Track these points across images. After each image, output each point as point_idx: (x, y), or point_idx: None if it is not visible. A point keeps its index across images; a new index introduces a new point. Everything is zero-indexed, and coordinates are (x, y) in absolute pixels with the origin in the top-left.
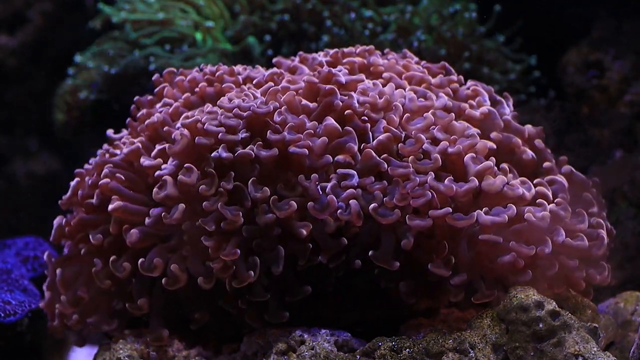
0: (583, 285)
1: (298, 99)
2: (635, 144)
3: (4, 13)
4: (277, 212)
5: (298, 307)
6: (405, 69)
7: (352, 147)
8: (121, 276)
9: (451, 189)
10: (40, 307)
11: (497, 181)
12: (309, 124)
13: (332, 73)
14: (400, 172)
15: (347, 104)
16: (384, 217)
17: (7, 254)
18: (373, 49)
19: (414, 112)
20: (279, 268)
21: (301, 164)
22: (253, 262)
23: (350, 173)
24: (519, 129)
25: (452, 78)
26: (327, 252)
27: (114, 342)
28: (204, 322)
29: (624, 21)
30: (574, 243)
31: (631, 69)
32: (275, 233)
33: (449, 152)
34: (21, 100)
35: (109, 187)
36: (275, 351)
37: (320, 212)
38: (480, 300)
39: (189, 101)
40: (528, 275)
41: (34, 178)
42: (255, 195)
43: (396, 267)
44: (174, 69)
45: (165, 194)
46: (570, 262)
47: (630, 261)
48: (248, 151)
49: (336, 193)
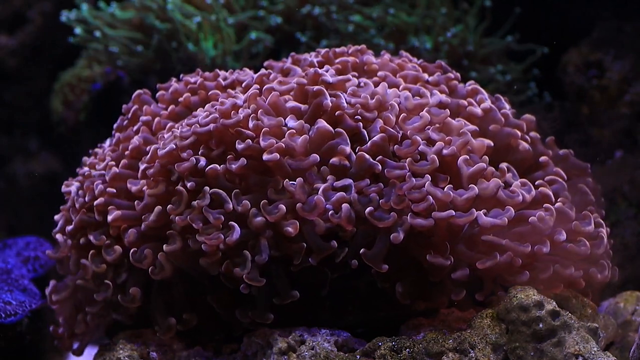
0: (582, 284)
1: (282, 100)
2: (635, 144)
3: (4, 13)
4: (268, 216)
5: (297, 309)
6: (400, 67)
7: (344, 149)
8: (111, 260)
9: (448, 196)
10: (40, 307)
11: (491, 184)
12: (295, 123)
13: (318, 73)
14: (397, 173)
15: (335, 104)
16: (380, 221)
17: (8, 254)
18: (365, 48)
19: (409, 110)
20: (262, 256)
21: (281, 167)
22: (244, 256)
23: (346, 183)
24: (518, 123)
25: (449, 76)
26: (317, 254)
27: (113, 342)
28: (192, 323)
29: (624, 21)
30: (576, 248)
31: (631, 69)
32: (267, 235)
33: (444, 154)
34: (21, 100)
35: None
36: (275, 351)
37: (308, 212)
38: (483, 297)
39: (174, 113)
40: (525, 275)
41: (34, 178)
42: (237, 208)
43: (385, 270)
44: (141, 91)
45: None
46: (566, 271)
47: (630, 261)
48: (214, 167)
49: (327, 196)
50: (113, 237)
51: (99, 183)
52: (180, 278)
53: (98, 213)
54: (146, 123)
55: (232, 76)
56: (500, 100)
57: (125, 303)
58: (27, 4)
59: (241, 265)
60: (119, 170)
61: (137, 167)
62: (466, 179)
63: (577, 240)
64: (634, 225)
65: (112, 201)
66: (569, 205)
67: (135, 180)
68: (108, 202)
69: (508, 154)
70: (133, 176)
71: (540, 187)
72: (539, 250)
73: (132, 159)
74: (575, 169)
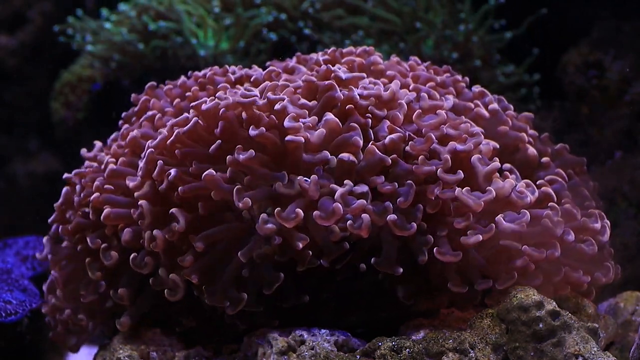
0: (585, 287)
1: (296, 97)
2: (635, 144)
3: (4, 13)
4: (285, 223)
5: (299, 311)
6: (411, 68)
7: (358, 141)
8: (109, 264)
9: (480, 205)
10: (41, 307)
11: (507, 185)
12: (308, 118)
13: (330, 70)
14: (426, 169)
15: (348, 96)
16: (401, 230)
17: (8, 253)
18: (373, 50)
19: (424, 110)
20: (272, 289)
21: (297, 157)
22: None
23: (364, 190)
24: (522, 126)
25: (457, 78)
26: (329, 256)
27: (113, 342)
28: (190, 327)
29: (623, 21)
30: (585, 248)
31: (631, 69)
32: (276, 242)
33: (458, 150)
34: (21, 100)
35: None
36: (275, 351)
37: (325, 219)
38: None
39: (179, 108)
40: (539, 280)
41: (34, 178)
42: (237, 204)
43: (399, 273)
44: (154, 83)
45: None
46: (574, 274)
47: (630, 261)
48: (210, 172)
49: (346, 201)
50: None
51: (97, 178)
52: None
53: (94, 211)
54: (150, 118)
55: (241, 71)
56: (503, 101)
57: (116, 300)
58: (27, 4)
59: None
60: (116, 167)
61: (136, 164)
62: (482, 178)
63: (585, 240)
64: (634, 225)
65: (109, 198)
66: (573, 205)
67: (134, 177)
68: (104, 200)
69: (512, 156)
70: (132, 173)
71: (542, 187)
72: (552, 255)
73: (131, 156)
74: (570, 164)
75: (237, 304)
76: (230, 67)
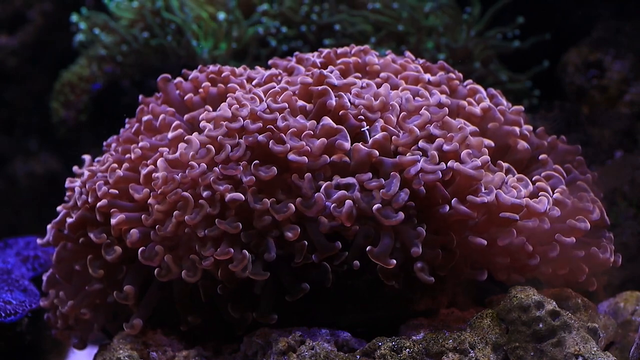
0: (586, 270)
1: (294, 100)
2: (635, 144)
3: (4, 13)
4: (276, 215)
5: (298, 308)
6: (402, 67)
7: (343, 144)
8: (110, 259)
9: (481, 174)
10: (40, 307)
11: (496, 178)
12: (308, 123)
13: (324, 75)
14: (410, 159)
15: (339, 104)
16: (387, 219)
17: (8, 253)
18: (369, 49)
19: (410, 111)
20: (271, 254)
21: (300, 168)
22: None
23: (350, 181)
24: (515, 119)
25: (451, 76)
26: (321, 253)
27: (113, 342)
28: (195, 324)
29: (624, 21)
30: (575, 223)
31: (631, 69)
32: (274, 235)
33: (445, 150)
34: (21, 100)
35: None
36: (275, 351)
37: (307, 209)
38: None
39: (190, 102)
40: (536, 259)
41: (34, 178)
42: (255, 206)
43: (392, 265)
44: (168, 75)
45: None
46: (567, 242)
47: (630, 261)
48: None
49: (328, 193)
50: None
51: (101, 184)
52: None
53: (100, 215)
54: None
55: (245, 73)
56: (496, 97)
57: (119, 300)
58: (27, 4)
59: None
60: (122, 173)
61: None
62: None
63: (577, 219)
64: (634, 225)
65: (115, 203)
66: (566, 195)
67: (139, 187)
68: (111, 204)
69: (507, 152)
70: (136, 179)
71: (538, 182)
72: (540, 227)
73: (135, 162)
74: (565, 154)
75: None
76: (237, 69)
